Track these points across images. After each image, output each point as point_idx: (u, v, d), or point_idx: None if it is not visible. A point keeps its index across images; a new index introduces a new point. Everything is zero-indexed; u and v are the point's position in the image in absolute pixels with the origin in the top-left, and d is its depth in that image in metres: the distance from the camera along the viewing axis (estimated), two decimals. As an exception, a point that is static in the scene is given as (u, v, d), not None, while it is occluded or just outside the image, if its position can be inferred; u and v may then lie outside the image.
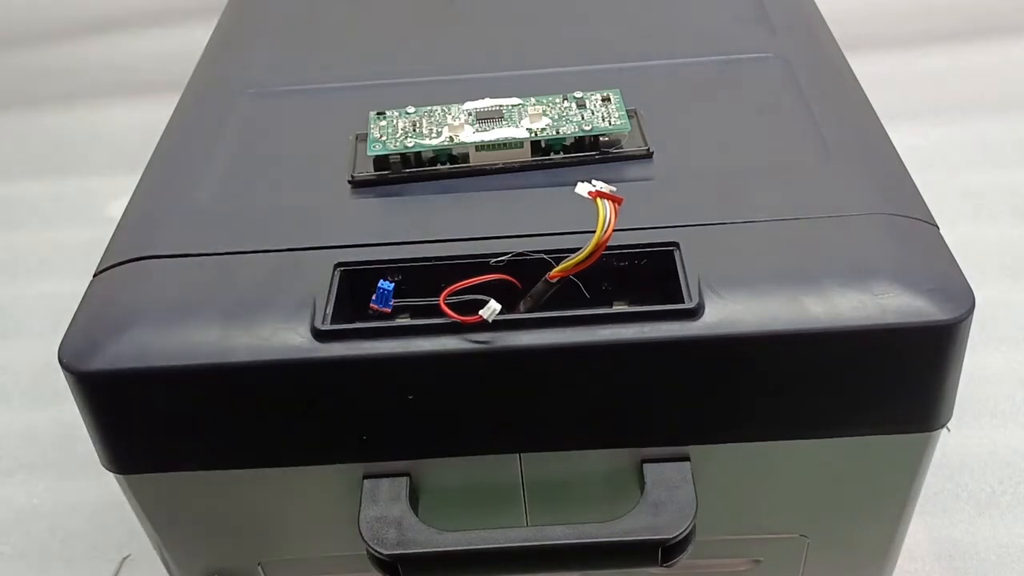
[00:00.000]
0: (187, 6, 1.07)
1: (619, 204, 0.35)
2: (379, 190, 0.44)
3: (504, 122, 0.44)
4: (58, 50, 1.14)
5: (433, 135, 0.43)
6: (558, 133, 0.43)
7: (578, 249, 0.35)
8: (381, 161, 0.44)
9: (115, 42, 1.14)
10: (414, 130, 0.44)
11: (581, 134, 0.43)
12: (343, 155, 0.46)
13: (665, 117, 0.47)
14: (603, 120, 0.44)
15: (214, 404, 0.38)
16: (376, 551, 0.38)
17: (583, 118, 0.44)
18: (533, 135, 0.43)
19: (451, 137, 0.43)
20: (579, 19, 0.56)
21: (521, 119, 0.44)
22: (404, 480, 0.40)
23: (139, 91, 1.07)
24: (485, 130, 0.43)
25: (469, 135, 0.43)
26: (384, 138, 0.44)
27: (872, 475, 0.41)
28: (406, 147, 0.43)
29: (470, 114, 0.44)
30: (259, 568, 0.46)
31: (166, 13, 1.12)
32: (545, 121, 0.43)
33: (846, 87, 0.50)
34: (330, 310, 0.37)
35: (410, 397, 0.37)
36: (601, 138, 0.43)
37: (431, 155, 0.43)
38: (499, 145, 0.43)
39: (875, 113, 0.48)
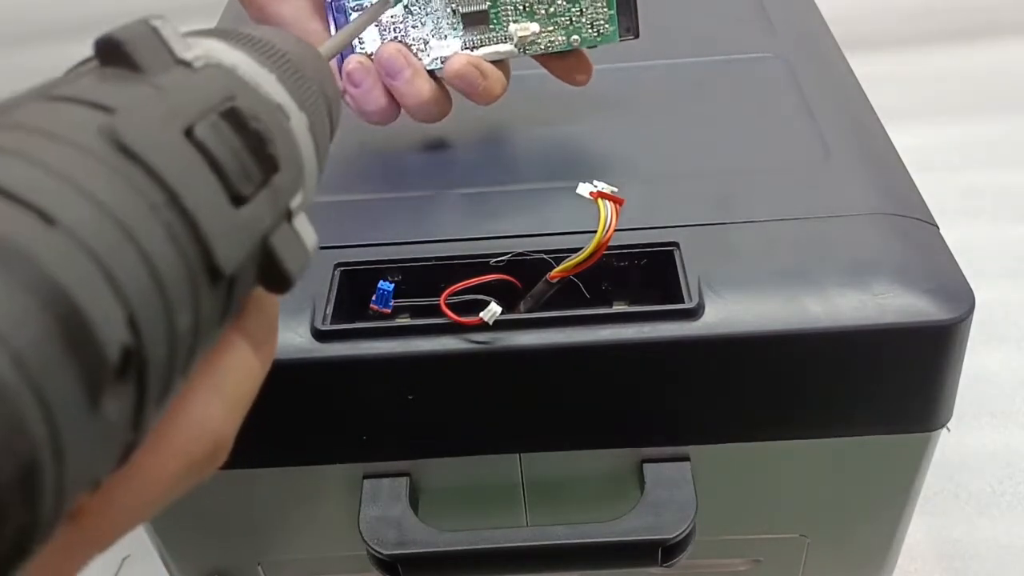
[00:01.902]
0: (187, 6, 1.07)
1: (620, 205, 0.35)
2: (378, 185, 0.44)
3: (492, 28, 0.43)
4: (58, 50, 1.14)
5: (420, 45, 0.43)
6: (547, 48, 0.43)
7: (579, 249, 0.35)
8: None
9: (115, 42, 1.14)
10: (398, 39, 0.43)
11: (569, 48, 0.43)
12: (343, 154, 0.46)
13: (665, 117, 0.47)
14: (591, 26, 0.43)
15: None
16: (376, 551, 0.38)
17: (572, 22, 0.43)
18: (522, 51, 0.43)
19: (441, 58, 0.43)
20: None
21: (507, 26, 0.43)
22: (404, 480, 0.40)
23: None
24: (474, 46, 0.43)
25: (457, 48, 0.43)
26: (373, 53, 0.43)
27: (872, 475, 0.41)
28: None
29: (454, 12, 0.43)
30: (259, 568, 0.46)
31: (166, 13, 1.12)
32: (534, 28, 0.43)
33: (846, 87, 0.50)
34: (330, 310, 0.37)
35: (410, 397, 0.37)
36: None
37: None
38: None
39: (875, 113, 0.48)
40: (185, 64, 0.21)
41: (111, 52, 0.20)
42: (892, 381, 0.37)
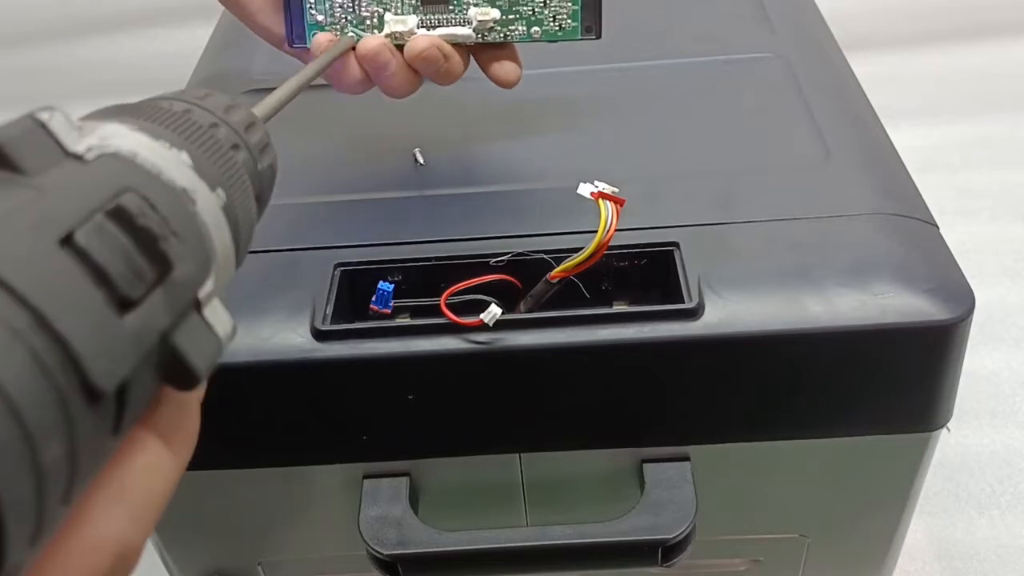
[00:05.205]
0: (187, 6, 1.07)
1: (621, 205, 0.35)
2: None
3: (451, 9, 0.42)
4: (58, 50, 1.14)
5: (375, 20, 0.42)
6: (506, 37, 0.42)
7: (579, 249, 0.35)
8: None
9: (115, 42, 1.14)
10: (353, 8, 0.42)
11: (529, 40, 0.42)
12: (344, 154, 0.46)
13: (665, 117, 0.47)
14: (554, 20, 0.42)
15: (214, 404, 0.38)
16: (376, 551, 0.38)
17: (534, 13, 0.42)
18: (481, 37, 0.42)
19: (395, 34, 0.41)
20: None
21: (467, 9, 0.42)
22: (404, 480, 0.40)
23: (139, 91, 1.06)
24: (431, 25, 0.41)
25: (413, 26, 0.41)
26: (323, 20, 0.42)
27: (872, 475, 0.41)
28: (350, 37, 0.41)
29: None
30: (259, 568, 0.46)
31: (166, 13, 1.12)
32: (494, 14, 0.41)
33: (846, 87, 0.50)
34: (330, 310, 0.37)
35: (410, 397, 0.37)
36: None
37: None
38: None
39: (875, 113, 0.48)
40: (76, 157, 0.19)
41: None
42: (892, 381, 0.37)
